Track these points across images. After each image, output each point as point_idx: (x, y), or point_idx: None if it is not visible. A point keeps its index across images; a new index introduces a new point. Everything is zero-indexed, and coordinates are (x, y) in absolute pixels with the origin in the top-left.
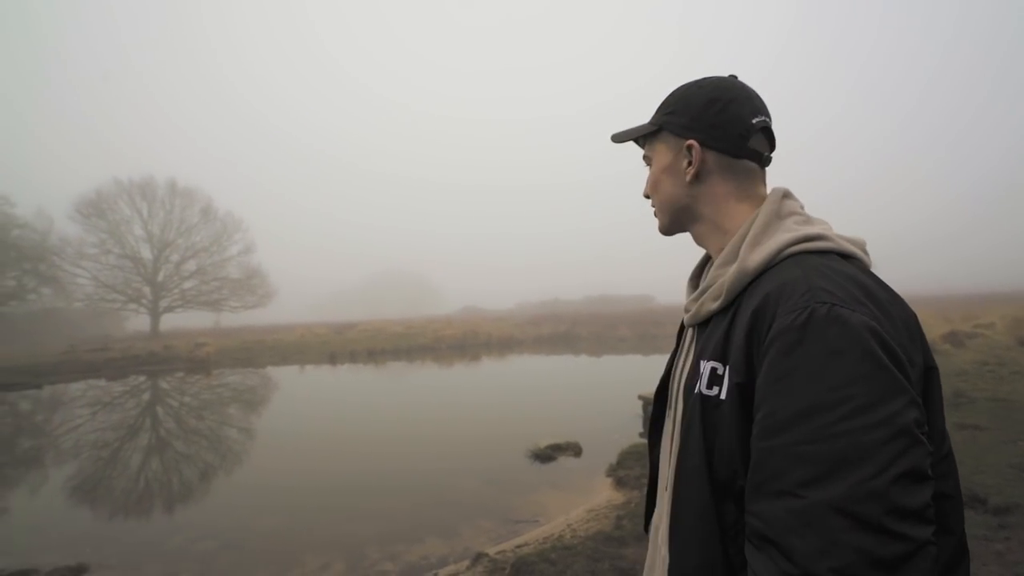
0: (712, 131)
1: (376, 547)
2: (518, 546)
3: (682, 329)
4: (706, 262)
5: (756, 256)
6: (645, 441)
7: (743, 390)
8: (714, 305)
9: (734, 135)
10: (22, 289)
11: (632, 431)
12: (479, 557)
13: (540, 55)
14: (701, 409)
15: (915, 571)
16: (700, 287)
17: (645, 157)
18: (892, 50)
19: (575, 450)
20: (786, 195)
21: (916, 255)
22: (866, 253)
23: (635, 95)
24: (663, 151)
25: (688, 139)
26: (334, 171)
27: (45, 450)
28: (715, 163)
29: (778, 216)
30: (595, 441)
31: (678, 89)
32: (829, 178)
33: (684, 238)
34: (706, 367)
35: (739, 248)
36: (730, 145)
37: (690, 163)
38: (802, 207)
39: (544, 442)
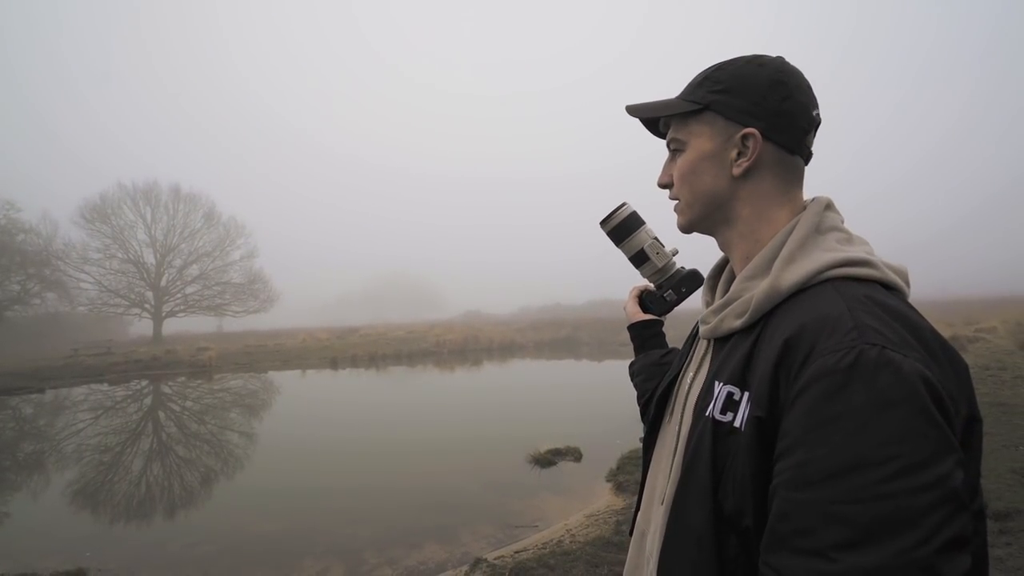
0: (776, 120)
1: (374, 552)
2: (517, 551)
3: (692, 337)
4: (723, 267)
5: (791, 275)
6: None
7: (763, 425)
8: (737, 323)
9: (797, 128)
10: (26, 294)
11: (633, 436)
12: (478, 562)
13: (537, 47)
14: (713, 434)
15: None
16: (722, 299)
17: (675, 140)
18: (888, 42)
19: (575, 455)
20: (829, 206)
21: (915, 256)
22: (908, 284)
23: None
24: (707, 135)
25: (748, 126)
26: (338, 173)
27: (47, 454)
28: (770, 157)
29: (818, 230)
30: (596, 446)
31: (728, 64)
32: (819, 172)
33: (687, 244)
34: (721, 390)
35: (771, 262)
36: (790, 139)
37: (740, 154)
38: (843, 221)
39: (544, 447)
